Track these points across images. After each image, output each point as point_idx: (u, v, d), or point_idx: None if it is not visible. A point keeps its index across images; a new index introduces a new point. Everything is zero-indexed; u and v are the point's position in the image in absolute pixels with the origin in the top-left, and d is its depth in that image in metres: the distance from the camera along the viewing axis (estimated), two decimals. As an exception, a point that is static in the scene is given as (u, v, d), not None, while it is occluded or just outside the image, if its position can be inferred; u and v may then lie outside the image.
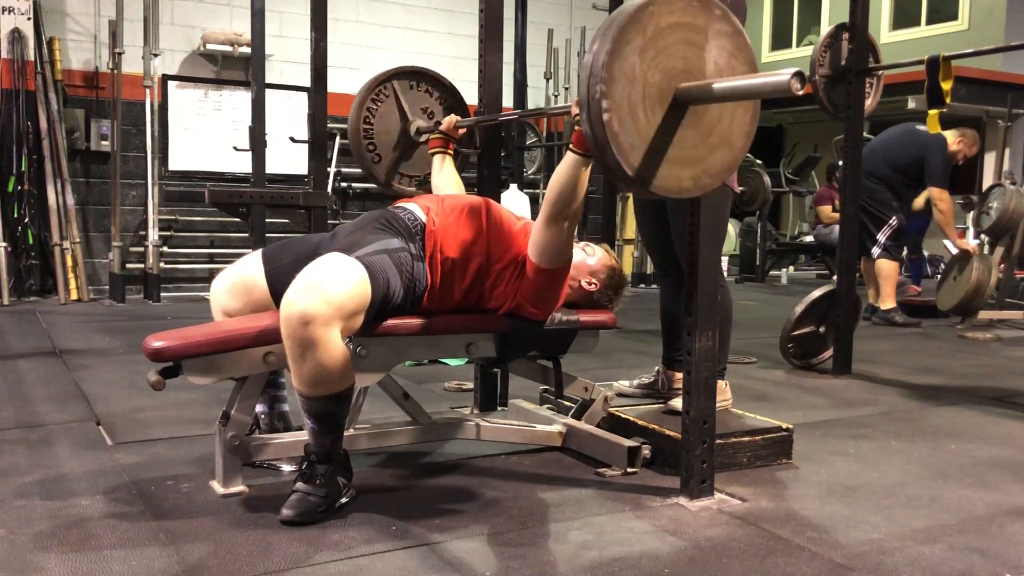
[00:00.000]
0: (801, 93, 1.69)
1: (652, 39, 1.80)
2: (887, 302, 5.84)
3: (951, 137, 5.69)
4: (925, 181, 5.67)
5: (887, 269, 5.73)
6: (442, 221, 2.33)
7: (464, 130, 2.89)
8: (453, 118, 2.87)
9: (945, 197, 5.62)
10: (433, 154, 2.88)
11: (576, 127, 2.08)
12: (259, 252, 2.42)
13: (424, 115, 3.05)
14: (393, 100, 3.01)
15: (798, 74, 1.66)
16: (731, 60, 1.91)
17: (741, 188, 8.81)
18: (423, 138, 2.99)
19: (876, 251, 5.70)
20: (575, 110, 1.86)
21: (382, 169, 3.03)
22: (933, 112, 3.74)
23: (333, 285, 2.02)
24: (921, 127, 5.56)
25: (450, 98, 3.10)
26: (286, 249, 2.41)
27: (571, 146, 2.16)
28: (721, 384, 2.82)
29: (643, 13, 1.79)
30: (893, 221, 5.68)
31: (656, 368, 2.96)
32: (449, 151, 2.88)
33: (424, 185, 3.06)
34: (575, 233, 2.33)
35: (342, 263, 2.10)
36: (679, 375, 2.88)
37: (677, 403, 2.67)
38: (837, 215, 7.91)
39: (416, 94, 3.05)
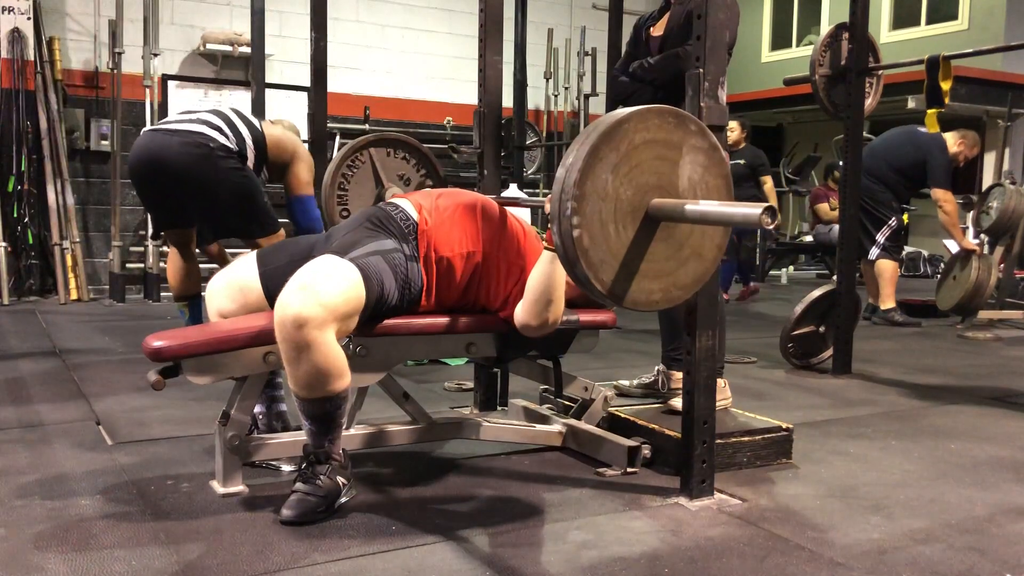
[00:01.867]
0: (772, 227, 1.70)
1: (625, 156, 1.82)
2: (887, 302, 5.85)
3: (952, 139, 5.70)
4: (927, 183, 5.68)
5: (887, 269, 5.75)
6: (435, 220, 2.32)
7: None
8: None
9: (949, 198, 5.63)
10: None
11: (549, 225, 2.09)
12: (254, 253, 2.42)
13: (400, 182, 3.06)
14: (369, 166, 3.02)
15: (769, 209, 1.68)
16: (705, 175, 1.93)
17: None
18: None
19: (875, 251, 5.72)
20: (548, 207, 1.88)
21: None
22: (931, 111, 3.74)
23: (327, 287, 2.02)
24: (922, 128, 5.46)
25: (426, 164, 3.10)
26: (281, 251, 2.40)
27: (544, 244, 2.21)
28: (720, 383, 2.82)
29: (617, 131, 1.81)
30: (892, 222, 5.70)
31: (656, 368, 2.96)
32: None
33: None
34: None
35: (336, 265, 2.10)
36: (679, 375, 2.88)
37: (677, 403, 2.67)
38: (835, 213, 7.94)
39: (393, 161, 3.06)
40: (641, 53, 2.91)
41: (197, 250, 3.87)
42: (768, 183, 6.93)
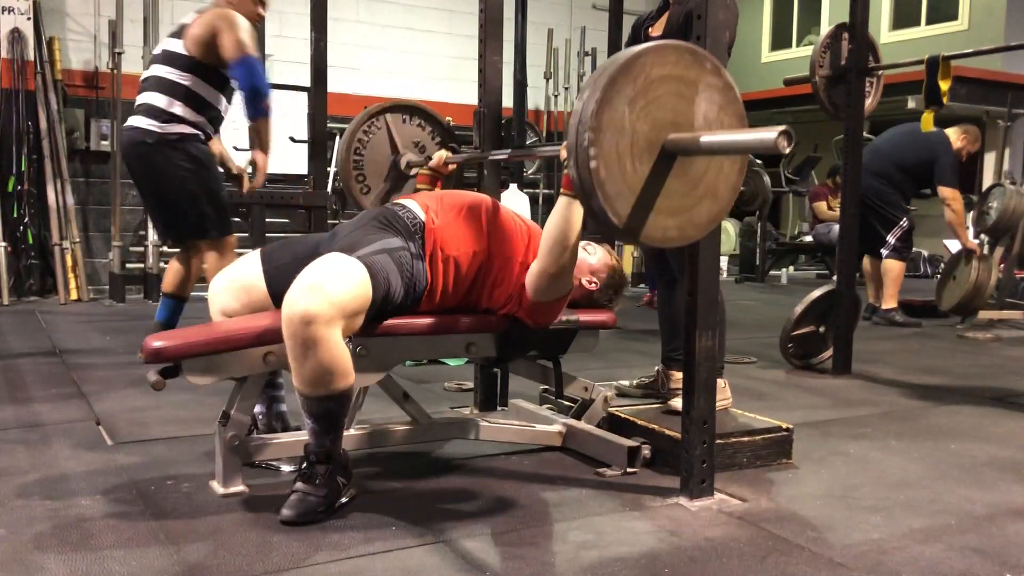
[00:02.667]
0: (788, 150, 1.70)
1: (642, 90, 1.82)
2: (890, 302, 5.85)
3: (954, 135, 5.71)
4: (935, 182, 5.66)
5: (895, 269, 5.75)
6: (441, 220, 2.33)
7: (453, 167, 2.87)
8: (443, 154, 2.81)
9: (957, 196, 5.63)
10: (419, 190, 2.83)
11: (565, 171, 2.09)
12: (258, 252, 2.42)
13: (415, 149, 3.05)
14: (385, 132, 3.02)
15: (785, 132, 1.67)
16: (720, 113, 1.92)
17: (741, 188, 8.80)
18: (413, 172, 2.99)
19: (884, 251, 5.72)
20: (563, 153, 1.88)
21: (370, 200, 3.03)
22: (928, 111, 3.74)
23: (335, 285, 2.03)
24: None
25: (442, 133, 3.10)
26: (285, 249, 2.41)
27: (562, 189, 2.20)
28: (720, 383, 2.82)
29: (634, 64, 1.80)
30: (904, 223, 5.71)
31: (656, 368, 2.96)
32: (436, 188, 2.80)
33: None
34: (573, 274, 2.36)
35: (343, 263, 2.10)
36: (678, 374, 2.88)
37: (677, 403, 2.67)
38: (832, 212, 7.93)
39: (408, 128, 3.05)
40: None
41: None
42: None
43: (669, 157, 1.87)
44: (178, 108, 3.58)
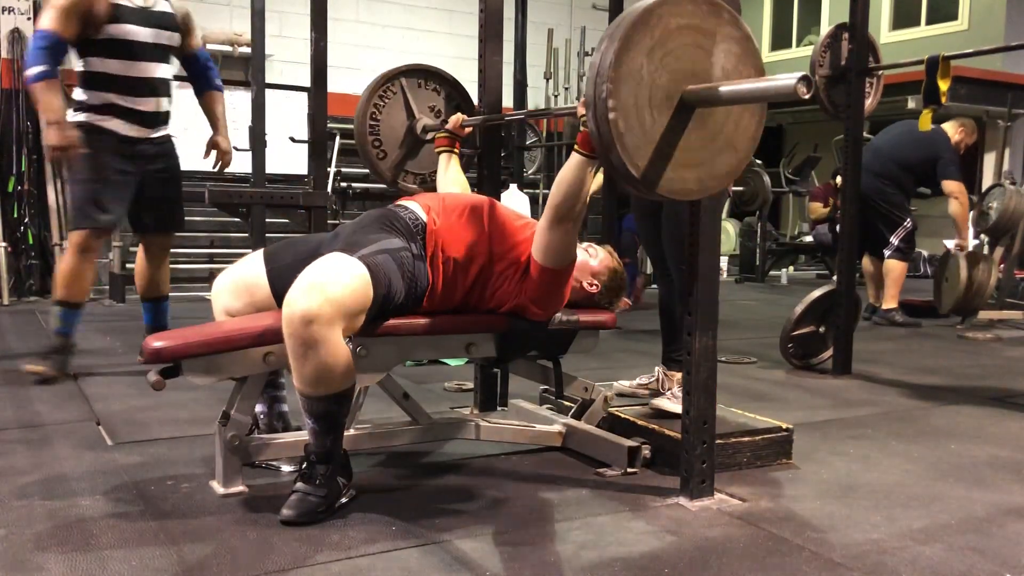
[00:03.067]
0: (808, 96, 1.69)
1: (660, 41, 1.81)
2: (891, 302, 5.85)
3: (951, 128, 5.72)
4: (939, 178, 5.64)
5: (896, 269, 5.77)
6: (443, 220, 2.33)
7: (470, 128, 2.88)
8: (459, 117, 2.85)
9: (963, 190, 5.62)
10: (439, 152, 2.88)
11: (582, 128, 2.09)
12: (260, 252, 2.42)
13: (431, 113, 3.05)
14: (400, 97, 3.01)
15: (804, 78, 1.67)
16: (739, 65, 1.91)
17: (741, 188, 8.81)
18: (429, 136, 2.99)
19: (887, 252, 5.75)
20: (581, 111, 1.87)
21: (386, 165, 3.03)
22: (927, 110, 3.74)
23: (335, 285, 2.03)
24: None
25: (458, 97, 3.09)
26: (287, 249, 2.41)
27: (576, 147, 2.17)
28: (679, 375, 2.85)
29: (651, 15, 1.80)
30: (908, 223, 5.71)
31: (656, 368, 2.96)
32: (455, 150, 2.87)
33: (428, 183, 3.05)
34: (579, 234, 2.34)
35: (344, 263, 2.11)
36: (678, 375, 2.88)
37: (660, 402, 2.67)
38: (825, 212, 7.95)
39: (424, 92, 3.05)
40: None
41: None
42: None
43: (688, 109, 1.86)
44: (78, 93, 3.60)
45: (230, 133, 4.13)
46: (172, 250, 4.19)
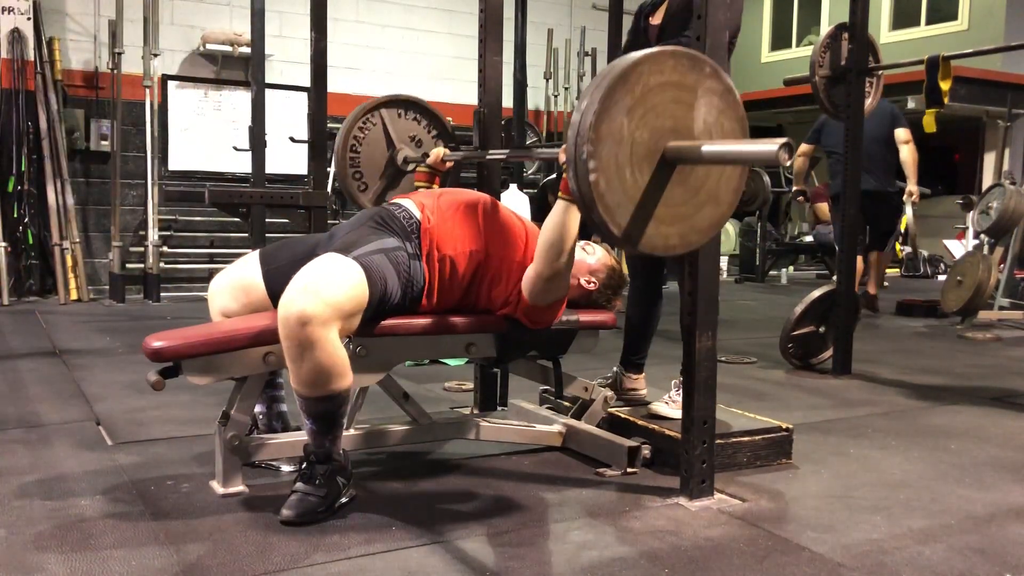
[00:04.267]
0: (789, 163, 1.70)
1: (640, 99, 1.81)
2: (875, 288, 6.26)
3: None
4: (897, 130, 5.90)
5: (887, 258, 6.23)
6: (438, 218, 2.32)
7: (451, 164, 2.85)
8: (440, 151, 2.79)
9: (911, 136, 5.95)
10: (418, 187, 2.81)
11: (564, 175, 2.08)
12: (256, 253, 2.42)
13: (412, 143, 3.04)
14: (380, 128, 3.01)
15: (786, 145, 1.68)
16: (720, 118, 1.92)
17: (743, 191, 8.80)
18: (410, 167, 2.97)
19: (886, 245, 6.18)
20: (562, 157, 1.87)
21: (368, 197, 3.01)
22: (930, 111, 3.74)
23: (331, 286, 2.03)
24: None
25: (439, 127, 3.08)
26: (284, 250, 2.41)
27: (560, 193, 2.19)
28: (637, 377, 2.88)
29: (632, 73, 1.80)
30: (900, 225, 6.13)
31: (613, 368, 2.95)
32: (434, 185, 2.79)
33: None
34: (570, 276, 2.35)
35: (339, 263, 2.10)
36: (636, 376, 2.89)
37: (658, 407, 2.67)
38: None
39: (404, 122, 3.04)
40: (641, 42, 2.87)
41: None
42: None
43: (669, 165, 1.86)
44: None
45: (231, 133, 4.10)
46: (171, 250, 4.16)
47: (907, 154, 5.90)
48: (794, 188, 6.61)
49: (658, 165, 1.85)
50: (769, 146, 1.70)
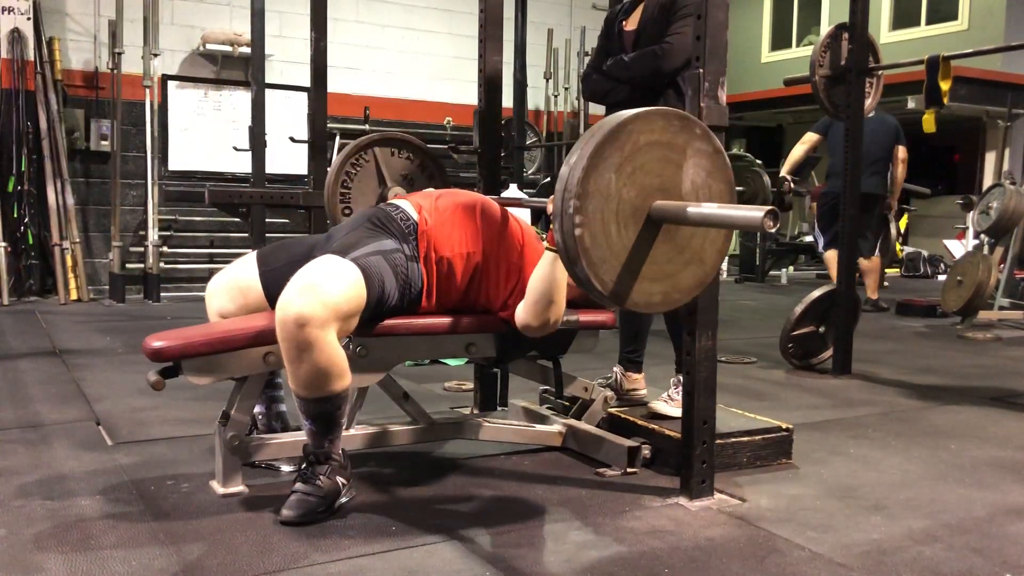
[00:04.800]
0: (774, 231, 1.70)
1: (629, 157, 1.82)
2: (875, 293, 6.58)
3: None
4: (897, 146, 6.20)
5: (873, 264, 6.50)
6: (435, 220, 2.32)
7: None
8: None
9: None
10: None
11: (551, 227, 2.09)
12: (254, 254, 2.42)
13: (404, 182, 3.04)
14: (373, 166, 3.01)
15: (772, 212, 1.68)
16: (708, 179, 1.93)
17: (741, 188, 8.81)
18: None
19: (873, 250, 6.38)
20: (550, 208, 1.88)
21: None
22: (930, 111, 3.74)
23: (329, 287, 2.02)
24: (871, 113, 6.14)
25: (431, 165, 3.08)
26: (281, 251, 2.41)
27: (547, 245, 2.21)
28: (637, 376, 2.88)
29: (622, 131, 1.81)
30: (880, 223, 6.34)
31: (614, 368, 2.95)
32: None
33: None
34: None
35: (337, 265, 2.10)
36: (635, 376, 2.89)
37: (658, 406, 2.67)
38: None
39: (397, 160, 3.04)
40: (614, 48, 2.84)
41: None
42: None
43: (655, 223, 1.88)
44: None
45: (231, 133, 4.10)
46: (171, 250, 4.15)
47: (901, 172, 6.26)
48: (783, 172, 6.67)
49: (644, 223, 1.86)
50: (755, 213, 1.71)
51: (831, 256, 6.39)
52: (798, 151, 6.32)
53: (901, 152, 6.22)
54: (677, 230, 1.91)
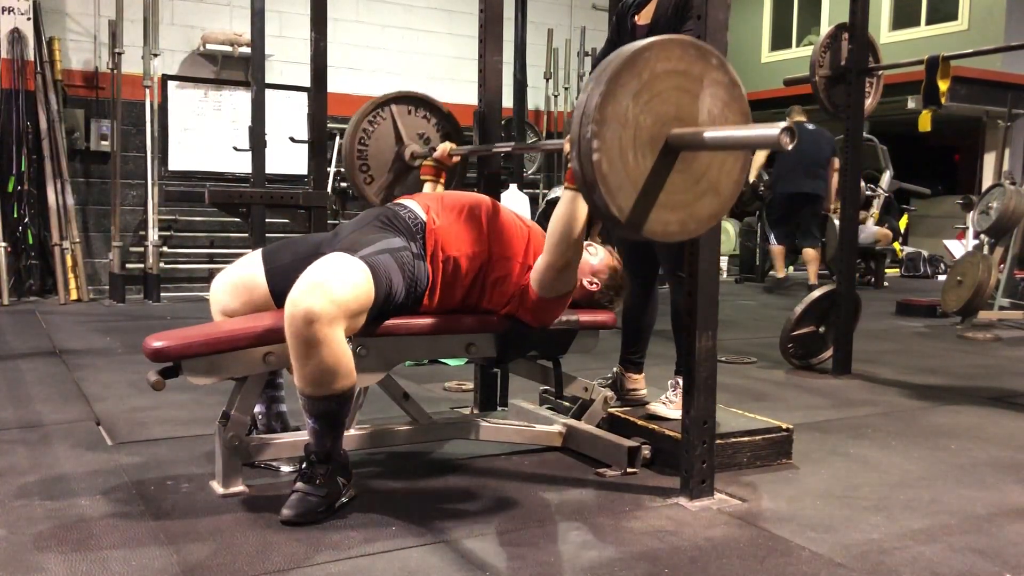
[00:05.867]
0: (791, 147, 1.70)
1: (647, 84, 1.82)
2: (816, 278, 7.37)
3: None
4: (833, 159, 7.14)
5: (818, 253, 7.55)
6: (442, 220, 2.33)
7: (457, 159, 2.86)
8: (447, 146, 2.83)
9: None
10: (424, 181, 2.85)
11: (568, 165, 2.09)
12: (259, 252, 2.42)
13: (420, 140, 3.05)
14: (390, 123, 3.01)
15: (788, 130, 1.68)
16: (725, 110, 1.93)
17: (743, 185, 8.84)
18: (417, 163, 2.98)
19: (808, 240, 7.54)
20: (567, 148, 1.88)
21: (373, 190, 3.03)
22: (926, 111, 3.74)
23: (338, 284, 2.03)
24: (811, 126, 7.42)
25: (447, 125, 3.09)
26: (286, 249, 2.41)
27: (565, 183, 2.20)
28: (637, 377, 2.87)
29: (639, 58, 1.81)
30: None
31: (614, 368, 2.95)
32: (440, 180, 2.83)
33: None
34: (578, 269, 2.35)
35: (346, 263, 2.11)
36: (636, 376, 2.88)
37: (656, 408, 2.66)
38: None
39: (414, 119, 3.04)
40: (625, 42, 2.83)
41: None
42: None
43: (672, 152, 1.87)
44: None
45: (231, 133, 4.10)
46: (171, 250, 4.15)
47: (836, 179, 7.14)
48: (751, 176, 7.54)
49: (661, 151, 1.86)
50: (771, 130, 1.70)
51: (778, 250, 7.67)
52: (760, 156, 7.41)
53: (836, 163, 7.05)
54: (694, 160, 1.90)
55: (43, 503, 2.13)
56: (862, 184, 8.25)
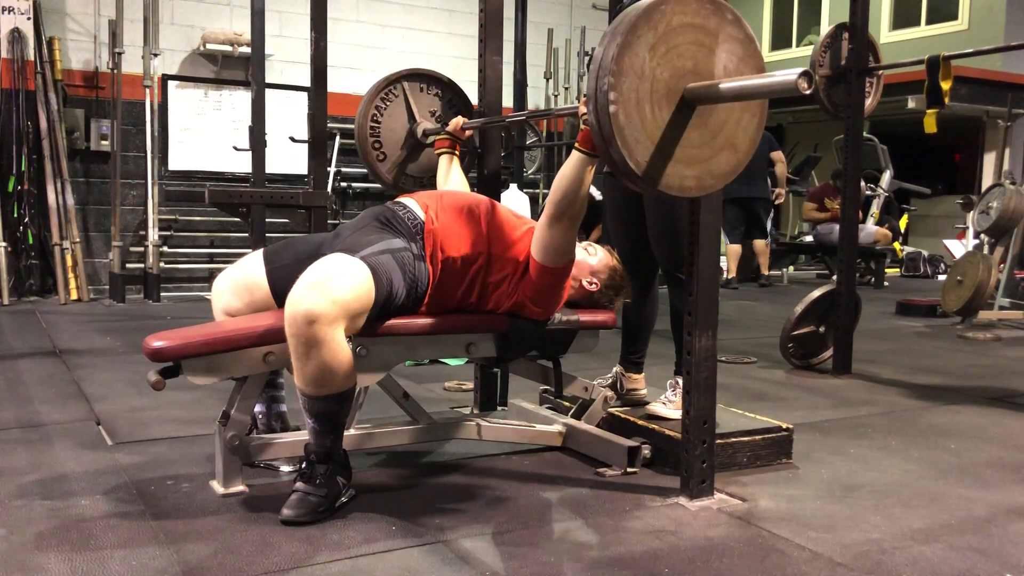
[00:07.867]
0: (809, 92, 1.69)
1: (663, 37, 1.82)
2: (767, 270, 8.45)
3: None
4: (774, 152, 8.05)
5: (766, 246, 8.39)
6: (442, 220, 2.33)
7: (471, 132, 2.89)
8: (460, 119, 2.88)
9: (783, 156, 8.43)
10: (440, 154, 2.89)
11: (583, 126, 2.09)
12: (260, 251, 2.42)
13: (432, 118, 3.06)
14: (402, 101, 3.03)
15: (805, 74, 1.67)
16: (740, 65, 1.92)
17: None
18: (429, 140, 3.00)
19: (764, 234, 8.25)
20: (582, 109, 1.87)
21: (386, 168, 3.05)
22: (931, 111, 3.74)
23: (338, 285, 2.03)
24: None
25: (459, 103, 3.11)
26: (288, 248, 2.41)
27: (576, 144, 2.18)
28: (637, 377, 2.87)
29: (655, 11, 1.81)
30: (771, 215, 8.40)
31: (614, 368, 2.95)
32: (455, 152, 2.89)
33: (428, 187, 3.06)
34: (577, 233, 2.34)
35: (346, 263, 2.11)
36: (636, 376, 2.88)
37: (656, 408, 2.66)
38: (819, 214, 8.72)
39: (426, 97, 3.06)
40: None
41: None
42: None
43: (689, 106, 1.87)
44: None
45: (231, 133, 4.09)
46: (171, 250, 4.14)
47: (781, 169, 8.23)
48: None
49: (678, 106, 1.85)
50: (788, 76, 1.70)
51: (734, 249, 8.24)
52: None
53: (778, 156, 8.11)
54: (710, 114, 1.90)
55: (43, 503, 2.13)
56: (862, 184, 8.31)
